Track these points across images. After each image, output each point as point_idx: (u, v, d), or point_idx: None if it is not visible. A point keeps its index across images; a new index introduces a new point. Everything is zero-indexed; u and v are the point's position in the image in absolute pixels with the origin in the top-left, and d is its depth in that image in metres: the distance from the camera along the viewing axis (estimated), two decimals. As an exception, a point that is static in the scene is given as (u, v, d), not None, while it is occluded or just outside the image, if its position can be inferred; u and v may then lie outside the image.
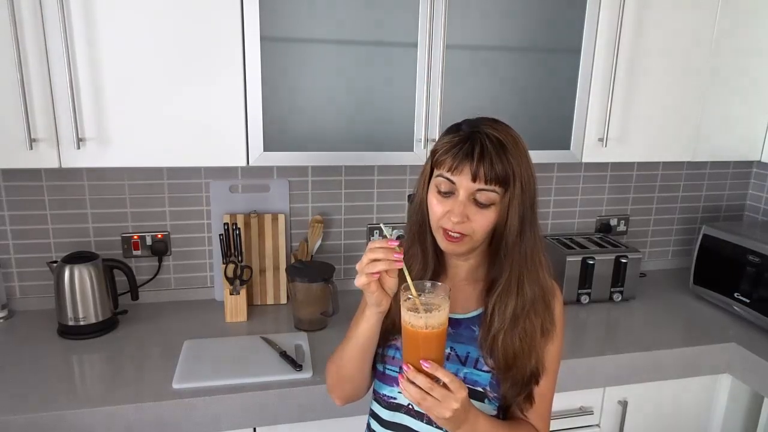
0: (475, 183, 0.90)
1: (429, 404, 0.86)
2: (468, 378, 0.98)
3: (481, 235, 0.94)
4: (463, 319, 1.02)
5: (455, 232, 0.93)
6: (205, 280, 1.87)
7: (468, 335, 1.01)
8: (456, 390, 0.86)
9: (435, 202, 0.95)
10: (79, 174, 1.70)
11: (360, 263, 0.88)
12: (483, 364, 0.99)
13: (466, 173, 0.90)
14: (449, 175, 0.92)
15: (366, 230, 1.95)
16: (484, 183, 0.90)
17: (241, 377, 1.38)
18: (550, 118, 1.66)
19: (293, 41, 1.46)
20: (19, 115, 1.30)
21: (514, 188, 0.91)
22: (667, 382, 1.65)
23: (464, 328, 1.01)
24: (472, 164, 0.90)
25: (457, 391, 0.86)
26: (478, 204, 0.92)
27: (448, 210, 0.93)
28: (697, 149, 1.78)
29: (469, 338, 1.00)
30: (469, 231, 0.93)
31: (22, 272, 1.73)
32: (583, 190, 2.11)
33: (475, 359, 0.99)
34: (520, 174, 0.92)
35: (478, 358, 0.99)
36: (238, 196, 1.82)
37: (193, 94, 1.39)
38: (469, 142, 0.91)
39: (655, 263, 2.26)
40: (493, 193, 0.91)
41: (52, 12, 1.27)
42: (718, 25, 1.67)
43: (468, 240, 0.94)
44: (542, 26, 1.60)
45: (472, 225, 0.92)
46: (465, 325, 1.02)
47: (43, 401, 1.28)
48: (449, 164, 0.91)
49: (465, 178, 0.91)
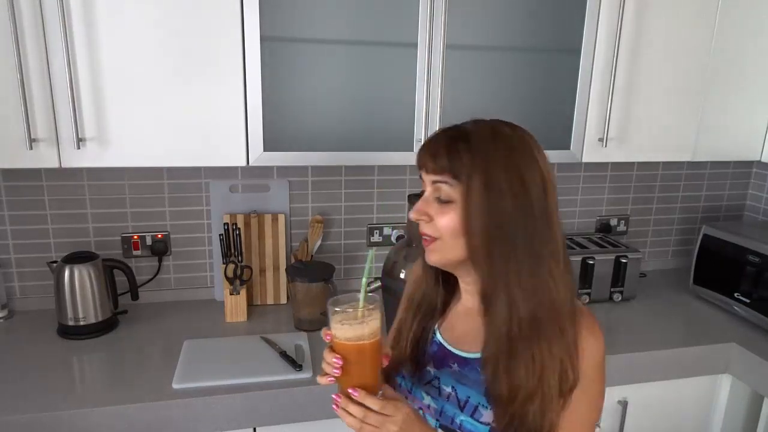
0: (429, 176, 0.85)
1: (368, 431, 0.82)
2: (464, 427, 0.90)
3: (448, 236, 0.84)
4: (471, 359, 0.90)
5: (426, 235, 0.87)
6: (205, 280, 1.87)
7: (474, 378, 0.89)
8: (392, 413, 0.81)
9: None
10: (79, 174, 1.70)
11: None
12: (482, 413, 0.88)
13: (425, 166, 0.86)
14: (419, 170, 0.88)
15: (366, 230, 1.95)
16: (433, 174, 0.84)
17: (241, 377, 1.38)
18: (550, 118, 1.66)
19: (293, 41, 1.46)
20: (19, 115, 1.30)
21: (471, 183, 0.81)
22: (667, 382, 1.65)
23: (470, 369, 0.90)
24: (425, 156, 0.86)
25: (393, 413, 0.81)
26: (439, 201, 0.85)
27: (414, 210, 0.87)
28: (697, 149, 1.78)
29: (474, 381, 0.89)
30: (435, 233, 0.85)
31: (22, 272, 1.73)
32: (583, 190, 2.11)
33: (474, 406, 0.89)
34: (484, 169, 0.81)
35: (478, 405, 0.89)
36: (238, 196, 1.82)
37: (193, 94, 1.39)
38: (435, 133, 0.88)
39: (655, 263, 2.26)
40: (445, 185, 0.83)
41: (52, 12, 1.27)
42: (718, 25, 1.67)
43: (440, 245, 0.86)
44: (542, 26, 1.60)
45: (436, 225, 0.85)
46: (472, 365, 0.90)
47: (43, 401, 1.28)
48: (418, 160, 0.88)
49: (425, 172, 0.86)
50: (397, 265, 1.51)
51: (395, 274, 1.50)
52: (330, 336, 0.85)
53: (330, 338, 0.85)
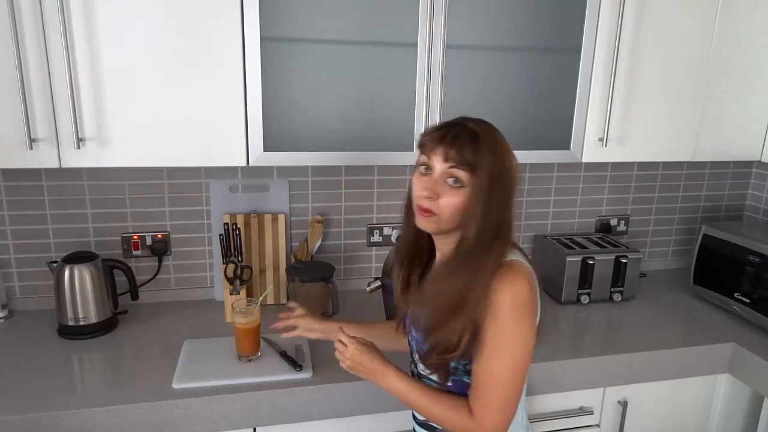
0: (446, 163, 1.02)
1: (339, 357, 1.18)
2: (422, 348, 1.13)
3: (448, 215, 1.03)
4: None
5: (427, 209, 1.04)
6: (205, 280, 1.87)
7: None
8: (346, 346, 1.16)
9: (415, 180, 1.07)
10: (79, 174, 1.70)
11: None
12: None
13: (439, 154, 1.02)
14: (428, 154, 1.04)
15: (366, 230, 1.95)
16: (454, 163, 1.01)
17: (241, 377, 1.38)
18: (550, 118, 1.66)
19: (293, 41, 1.46)
20: (19, 115, 1.30)
21: (483, 177, 1.00)
22: (667, 382, 1.65)
23: None
24: (445, 146, 1.02)
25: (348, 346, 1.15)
26: (448, 185, 1.02)
27: (423, 187, 1.04)
28: (697, 149, 1.78)
29: None
30: (437, 209, 1.03)
31: (22, 272, 1.73)
32: (583, 190, 2.11)
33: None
34: (492, 165, 1.01)
35: None
36: (238, 196, 1.82)
37: (193, 94, 1.39)
38: (447, 128, 1.04)
39: (655, 263, 2.26)
40: (463, 173, 1.01)
41: (52, 12, 1.27)
42: (718, 25, 1.67)
43: (436, 219, 1.04)
44: (542, 26, 1.60)
45: (440, 204, 1.02)
46: None
47: (43, 401, 1.28)
48: (428, 146, 1.05)
49: (439, 158, 1.03)
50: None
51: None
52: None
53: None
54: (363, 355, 1.14)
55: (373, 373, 1.14)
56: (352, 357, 1.14)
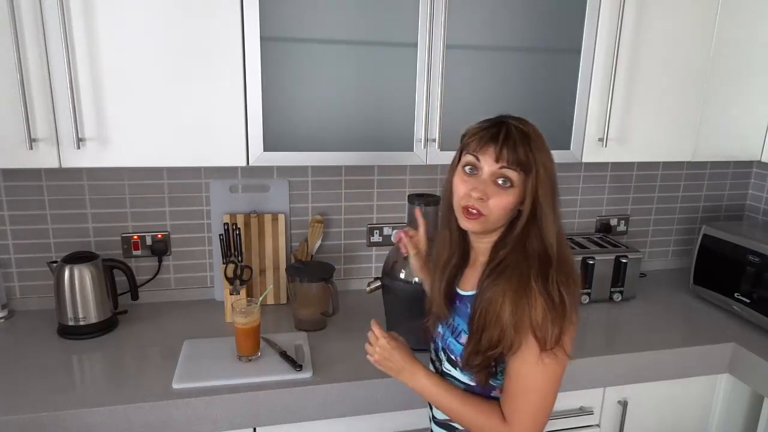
0: (498, 163, 0.99)
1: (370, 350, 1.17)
2: (449, 345, 1.12)
3: (496, 216, 1.01)
4: (464, 296, 1.12)
5: (473, 209, 1.01)
6: (205, 280, 1.87)
7: (464, 311, 1.10)
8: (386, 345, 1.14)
9: (459, 181, 1.04)
10: (79, 174, 1.70)
11: None
12: (462, 336, 1.09)
13: (490, 153, 0.99)
14: (475, 154, 1.01)
15: (366, 230, 1.95)
16: (506, 164, 0.98)
17: (241, 377, 1.38)
18: (550, 118, 1.65)
19: (293, 41, 1.46)
20: (19, 115, 1.30)
21: (536, 176, 0.98)
22: (667, 382, 1.65)
23: (462, 304, 1.11)
24: (497, 146, 0.98)
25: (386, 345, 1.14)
26: (498, 185, 1.00)
27: (471, 188, 1.01)
28: (697, 149, 1.78)
29: (464, 314, 1.10)
30: (486, 210, 1.00)
31: (22, 272, 1.73)
32: (583, 190, 2.11)
33: (459, 331, 1.10)
34: (542, 163, 0.99)
35: (461, 331, 1.10)
36: (238, 196, 1.82)
37: (193, 94, 1.39)
38: (496, 127, 1.01)
39: (655, 263, 2.26)
40: (514, 174, 0.98)
41: (52, 12, 1.27)
42: (718, 25, 1.67)
43: (483, 220, 1.01)
44: (542, 26, 1.60)
45: (489, 205, 1.00)
46: (464, 301, 1.11)
47: (43, 401, 1.28)
48: (475, 145, 1.01)
49: (489, 158, 0.99)
50: (396, 265, 1.50)
51: (395, 274, 1.50)
52: None
53: None
54: (394, 351, 1.12)
55: (402, 371, 1.12)
56: (382, 351, 1.13)
